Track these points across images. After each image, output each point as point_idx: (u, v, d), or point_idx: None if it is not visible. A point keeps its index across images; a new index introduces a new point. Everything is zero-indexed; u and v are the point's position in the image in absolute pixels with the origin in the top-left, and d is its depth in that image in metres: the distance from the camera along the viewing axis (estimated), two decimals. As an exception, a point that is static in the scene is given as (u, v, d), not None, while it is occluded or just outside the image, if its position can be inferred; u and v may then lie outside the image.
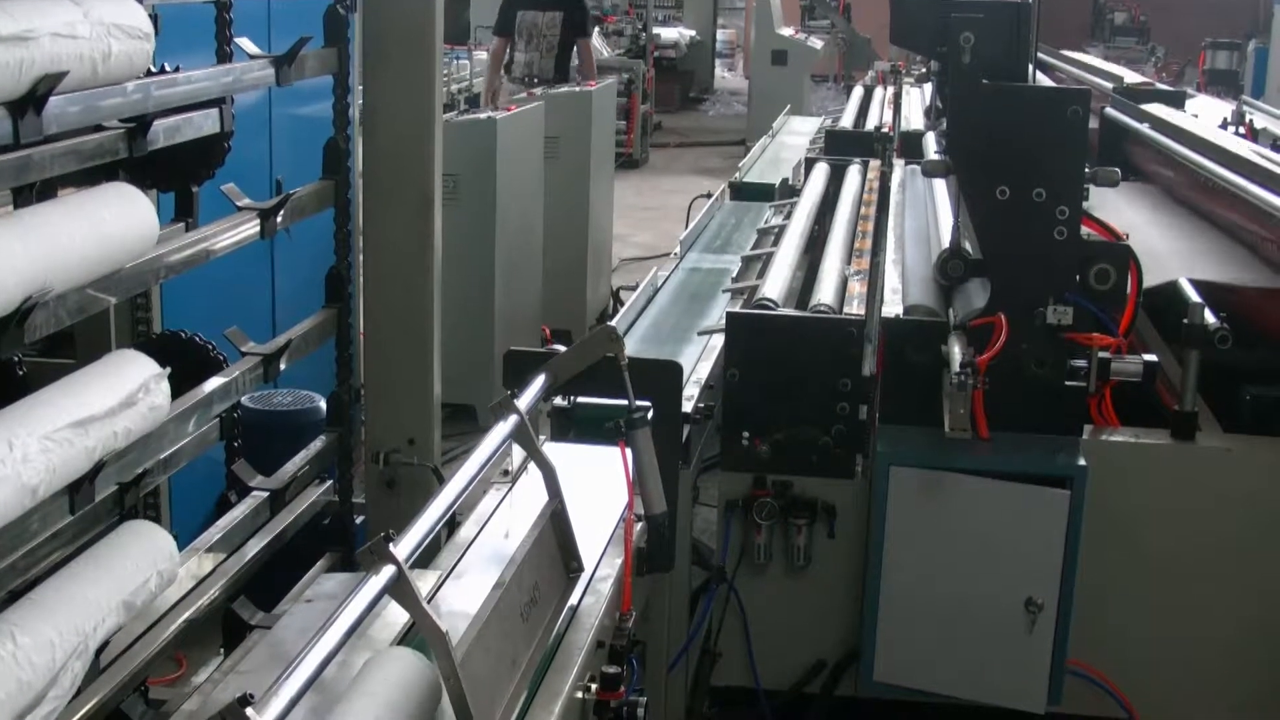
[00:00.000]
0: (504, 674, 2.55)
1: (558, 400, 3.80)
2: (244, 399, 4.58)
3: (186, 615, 3.51)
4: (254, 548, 3.91)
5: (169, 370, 3.23)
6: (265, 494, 4.03)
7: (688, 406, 4.07)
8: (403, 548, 2.25)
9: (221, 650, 3.98)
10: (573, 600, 2.99)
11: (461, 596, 2.94)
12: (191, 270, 3.65)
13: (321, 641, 1.98)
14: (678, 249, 6.70)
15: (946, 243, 4.28)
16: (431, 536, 2.41)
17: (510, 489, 3.56)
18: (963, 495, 3.90)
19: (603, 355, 3.28)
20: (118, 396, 2.97)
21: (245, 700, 1.79)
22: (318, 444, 4.38)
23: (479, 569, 3.10)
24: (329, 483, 4.45)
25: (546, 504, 2.98)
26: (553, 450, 3.21)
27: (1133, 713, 4.15)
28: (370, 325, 4.81)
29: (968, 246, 4.16)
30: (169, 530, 3.38)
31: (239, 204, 3.92)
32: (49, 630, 2.65)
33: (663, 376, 3.66)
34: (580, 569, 3.06)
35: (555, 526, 2.99)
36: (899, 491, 3.94)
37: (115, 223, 3.09)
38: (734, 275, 5.61)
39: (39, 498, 2.70)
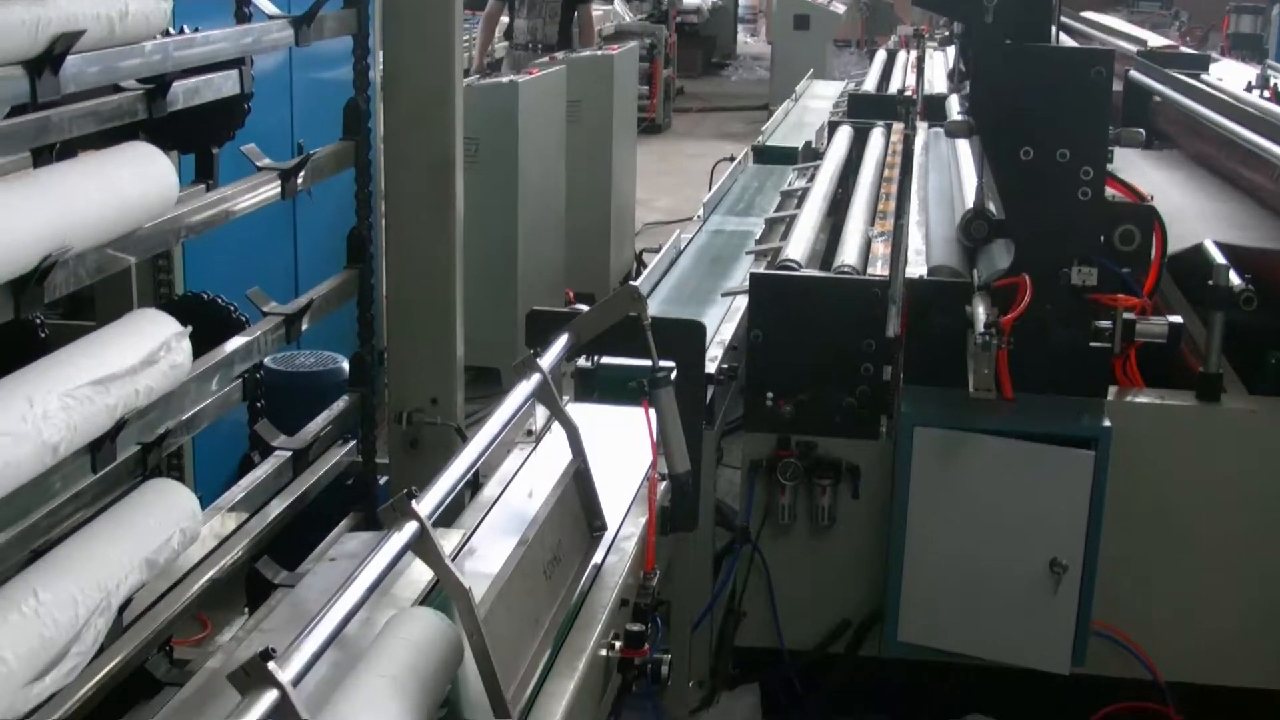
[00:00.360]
0: (527, 631, 2.55)
1: (581, 361, 3.80)
2: (267, 360, 4.58)
3: (210, 574, 3.51)
4: (277, 508, 3.90)
5: (190, 330, 3.22)
6: (288, 454, 4.02)
7: (711, 367, 4.06)
8: (425, 504, 2.24)
9: (245, 611, 3.99)
10: (596, 559, 2.99)
11: (484, 555, 2.94)
12: (213, 233, 3.64)
13: (344, 597, 1.98)
14: (701, 212, 6.67)
15: (970, 204, 4.25)
16: (454, 494, 2.40)
17: (534, 449, 3.56)
18: (987, 456, 3.89)
19: (625, 315, 3.26)
20: (138, 355, 2.96)
21: (268, 654, 1.78)
22: (340, 404, 4.37)
23: (502, 528, 3.09)
24: (352, 443, 4.44)
25: (569, 463, 2.98)
26: (576, 411, 3.20)
27: (1156, 674, 4.15)
28: (393, 287, 4.79)
29: (991, 207, 4.14)
30: (193, 491, 3.38)
31: (259, 164, 3.90)
32: (71, 587, 2.65)
33: (686, 336, 3.64)
34: (603, 528, 3.06)
35: (578, 485, 2.99)
36: (923, 452, 3.93)
37: (134, 182, 3.08)
38: (757, 237, 5.59)
39: (60, 455, 2.69)
